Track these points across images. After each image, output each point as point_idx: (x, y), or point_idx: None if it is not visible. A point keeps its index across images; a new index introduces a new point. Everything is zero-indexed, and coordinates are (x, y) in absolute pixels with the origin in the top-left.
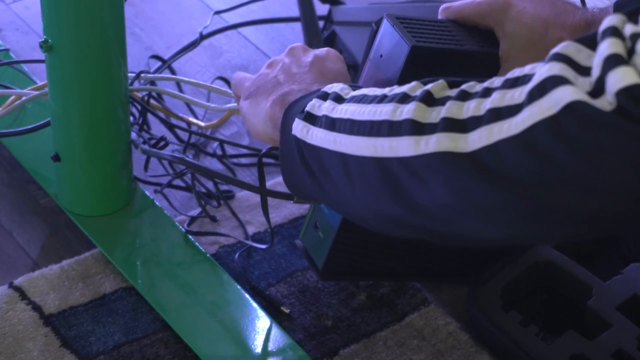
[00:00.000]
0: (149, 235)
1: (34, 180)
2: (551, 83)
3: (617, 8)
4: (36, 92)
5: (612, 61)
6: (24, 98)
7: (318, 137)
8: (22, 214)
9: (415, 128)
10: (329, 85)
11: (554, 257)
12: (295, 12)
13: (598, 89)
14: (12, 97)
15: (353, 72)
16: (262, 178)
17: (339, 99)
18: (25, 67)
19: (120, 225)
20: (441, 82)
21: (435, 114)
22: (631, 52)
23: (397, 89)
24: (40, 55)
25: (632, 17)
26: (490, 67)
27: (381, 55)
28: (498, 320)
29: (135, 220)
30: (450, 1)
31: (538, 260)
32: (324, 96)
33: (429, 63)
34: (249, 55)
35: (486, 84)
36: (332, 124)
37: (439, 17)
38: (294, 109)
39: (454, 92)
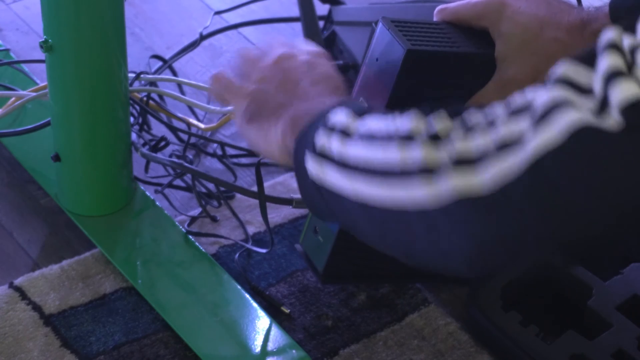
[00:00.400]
0: (149, 235)
1: (34, 180)
2: (554, 110)
3: (612, 7)
4: (36, 94)
5: (613, 77)
6: (24, 99)
7: (334, 180)
8: (22, 214)
9: (428, 175)
10: (333, 110)
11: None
12: (295, 12)
13: (603, 108)
14: (13, 98)
15: (353, 72)
16: (260, 183)
17: (346, 133)
18: (25, 67)
19: (121, 225)
20: (442, 113)
21: (445, 155)
22: (631, 64)
23: (401, 125)
24: (40, 55)
25: (628, 29)
26: (486, 68)
27: (377, 59)
28: (498, 320)
29: (136, 220)
30: (450, 1)
31: (538, 260)
32: (331, 129)
33: (425, 66)
34: None
35: (489, 111)
36: (346, 168)
37: (435, 19)
38: (304, 139)
39: (457, 124)
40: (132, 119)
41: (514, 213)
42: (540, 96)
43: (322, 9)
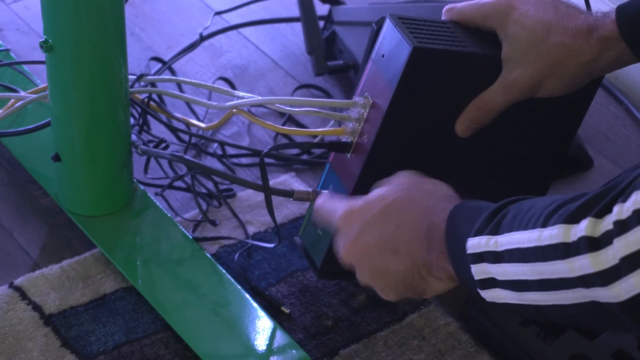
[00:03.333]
0: (149, 235)
1: (34, 180)
2: None
3: (618, 13)
4: (36, 95)
5: None
6: (24, 101)
7: (513, 297)
8: (22, 213)
9: (604, 277)
10: (470, 243)
11: None
12: (295, 12)
13: None
14: (13, 100)
15: (354, 72)
16: (264, 177)
17: (498, 257)
18: (25, 67)
19: (121, 225)
20: (590, 220)
21: (612, 256)
22: None
23: (549, 239)
24: (40, 55)
25: None
26: (491, 69)
27: (383, 55)
28: (498, 320)
29: (136, 220)
30: (452, 2)
31: None
32: (479, 258)
33: (430, 64)
34: (249, 55)
35: (631, 205)
36: (522, 286)
37: (442, 18)
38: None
39: (609, 225)
40: (132, 121)
41: None
42: None
43: (322, 9)
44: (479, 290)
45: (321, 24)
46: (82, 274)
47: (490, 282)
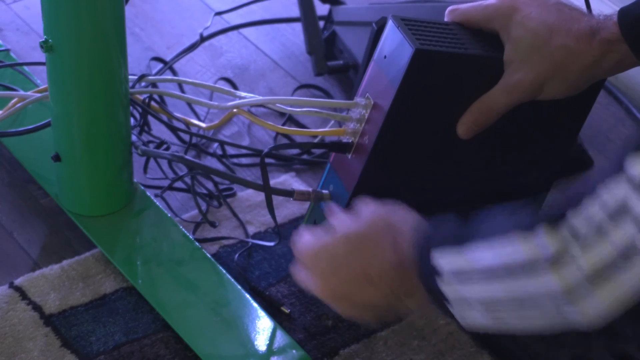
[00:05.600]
0: (149, 235)
1: (34, 180)
2: None
3: (620, 16)
4: (39, 95)
5: None
6: (26, 100)
7: (485, 318)
8: (22, 213)
9: (570, 297)
10: (433, 255)
11: None
12: (295, 12)
13: None
14: (15, 100)
15: (354, 72)
16: (265, 176)
17: (465, 276)
18: (25, 67)
19: (121, 225)
20: (548, 231)
21: (577, 275)
22: None
23: (512, 253)
24: (40, 55)
25: None
26: (493, 71)
27: (385, 57)
28: None
29: (136, 220)
30: (452, 2)
31: None
32: (445, 276)
33: (432, 66)
34: (249, 55)
35: (586, 215)
36: (493, 305)
37: (445, 19)
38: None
39: (567, 238)
40: (133, 121)
41: None
42: (635, 204)
43: (322, 9)
44: (448, 307)
45: (321, 24)
46: (82, 274)
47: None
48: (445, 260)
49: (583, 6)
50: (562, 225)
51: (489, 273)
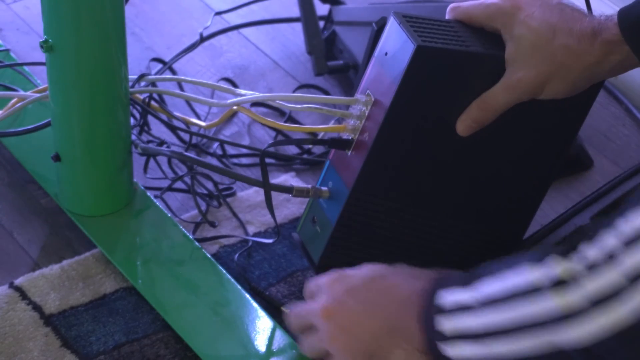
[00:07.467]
0: (149, 235)
1: (34, 180)
2: None
3: (620, 16)
4: (39, 95)
5: None
6: (26, 100)
7: (476, 351)
8: (22, 214)
9: (571, 319)
10: (440, 297)
11: None
12: (295, 12)
13: None
14: (14, 100)
15: (354, 72)
16: (265, 173)
17: (468, 309)
18: (25, 67)
19: (121, 225)
20: (556, 259)
21: (580, 298)
22: None
23: (519, 282)
24: (40, 55)
25: None
26: (494, 69)
27: (386, 54)
28: None
29: (136, 220)
30: (453, 1)
31: None
32: (450, 311)
33: (433, 63)
34: (249, 55)
35: (599, 244)
36: (487, 337)
37: (447, 16)
38: (430, 341)
39: (577, 263)
40: (133, 121)
41: None
42: None
43: (322, 9)
44: (440, 344)
45: (321, 24)
46: (82, 274)
47: (455, 336)
48: (452, 296)
49: (583, 6)
50: (572, 254)
51: (491, 301)
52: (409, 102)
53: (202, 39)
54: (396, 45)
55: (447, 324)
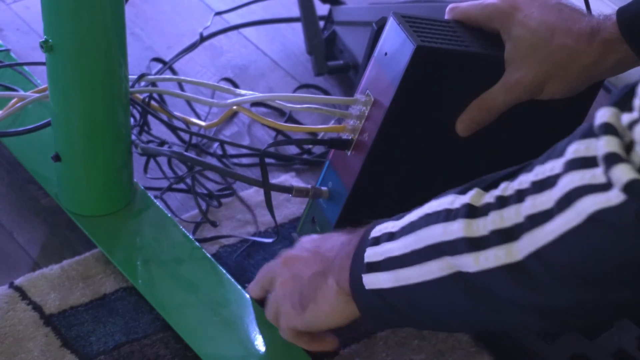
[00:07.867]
0: (150, 235)
1: (34, 180)
2: (574, 194)
3: (619, 16)
4: (38, 95)
5: (611, 161)
6: (26, 100)
7: (389, 279)
8: (22, 213)
9: (471, 244)
10: (374, 230)
11: None
12: (295, 12)
13: (608, 185)
14: (14, 100)
15: (354, 72)
16: (264, 173)
17: (391, 235)
18: (25, 67)
19: (121, 225)
20: (476, 191)
21: (482, 226)
22: (630, 144)
23: (437, 207)
24: (40, 55)
25: (625, 106)
26: (493, 69)
27: (386, 54)
28: None
29: (136, 220)
30: (453, 2)
31: None
32: (376, 241)
33: (433, 63)
34: (249, 55)
35: (516, 185)
36: (400, 262)
37: (446, 17)
38: (355, 273)
39: (491, 198)
40: (133, 121)
41: (545, 280)
42: (561, 177)
43: (322, 9)
44: (362, 275)
45: (321, 24)
46: (82, 274)
47: (375, 265)
48: (383, 227)
49: (583, 6)
50: (492, 189)
51: (409, 225)
52: (408, 102)
53: (202, 39)
54: (396, 45)
55: (371, 252)
